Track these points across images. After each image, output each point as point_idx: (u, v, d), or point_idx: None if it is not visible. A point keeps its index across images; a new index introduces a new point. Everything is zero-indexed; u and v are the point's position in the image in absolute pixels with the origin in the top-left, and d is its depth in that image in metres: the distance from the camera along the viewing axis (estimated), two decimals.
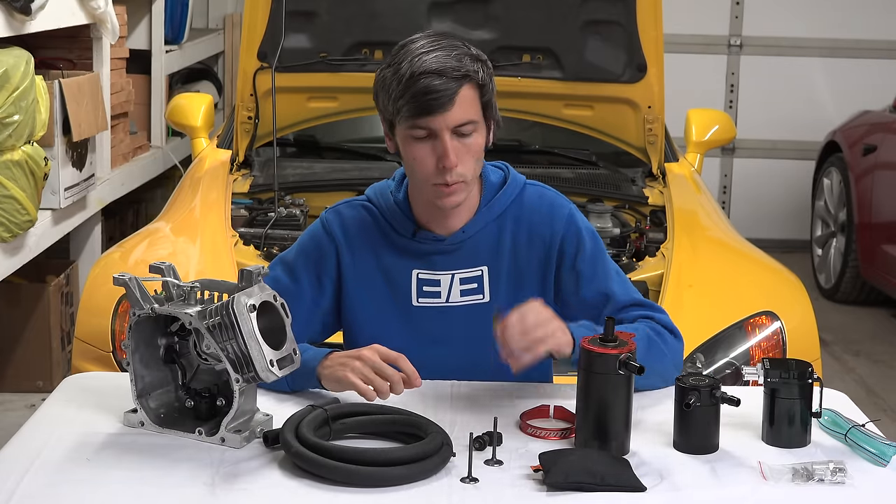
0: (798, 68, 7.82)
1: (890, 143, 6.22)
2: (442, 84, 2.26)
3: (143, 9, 6.24)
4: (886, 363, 5.74)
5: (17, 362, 4.87)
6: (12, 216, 4.13)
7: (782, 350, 3.36)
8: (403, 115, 2.29)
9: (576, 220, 2.46)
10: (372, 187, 2.54)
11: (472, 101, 2.31)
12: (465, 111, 2.29)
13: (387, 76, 2.32)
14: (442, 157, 2.29)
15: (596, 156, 4.67)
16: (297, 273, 2.46)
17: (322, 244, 2.48)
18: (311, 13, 4.28)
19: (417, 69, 2.26)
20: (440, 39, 2.32)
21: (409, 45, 2.31)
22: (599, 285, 2.42)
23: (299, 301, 2.41)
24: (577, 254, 2.43)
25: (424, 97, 2.26)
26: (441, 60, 2.27)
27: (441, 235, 2.43)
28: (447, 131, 2.29)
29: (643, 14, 4.20)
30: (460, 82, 2.28)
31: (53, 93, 4.49)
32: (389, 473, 1.94)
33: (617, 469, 1.99)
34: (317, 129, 4.70)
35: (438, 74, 2.26)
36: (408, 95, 2.27)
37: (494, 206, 2.44)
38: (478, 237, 2.44)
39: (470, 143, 2.32)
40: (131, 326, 2.12)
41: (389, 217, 2.46)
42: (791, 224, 7.79)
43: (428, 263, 2.44)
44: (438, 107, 2.26)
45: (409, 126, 2.31)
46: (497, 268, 2.44)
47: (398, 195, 2.46)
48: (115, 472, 1.98)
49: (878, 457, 2.07)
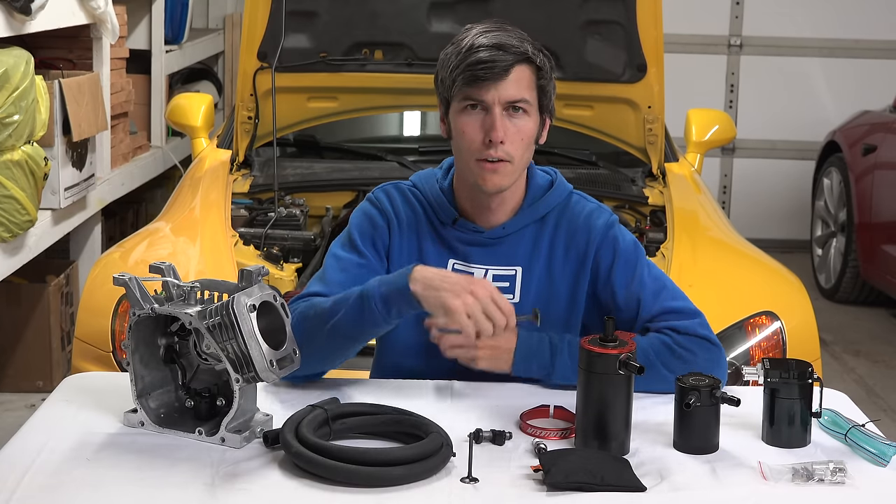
0: (798, 68, 7.82)
1: (890, 143, 6.22)
2: (499, 55, 2.29)
3: (143, 9, 6.24)
4: (886, 363, 5.74)
5: (17, 362, 4.87)
6: (12, 216, 4.13)
7: (782, 350, 3.37)
8: (458, 84, 2.32)
9: (613, 232, 2.43)
10: (417, 174, 2.54)
11: (528, 82, 2.33)
12: (518, 88, 2.31)
13: (448, 53, 2.36)
14: (490, 131, 2.30)
15: (596, 156, 4.67)
16: (357, 245, 2.44)
17: (375, 219, 2.46)
18: (311, 13, 4.28)
19: (477, 42, 2.30)
20: (506, 25, 2.36)
21: (473, 27, 2.36)
22: (632, 296, 2.40)
23: (367, 269, 2.40)
24: (612, 266, 2.41)
25: (479, 66, 2.28)
26: (501, 38, 2.31)
27: (481, 227, 2.43)
28: (498, 105, 2.30)
29: (643, 14, 4.20)
30: (518, 58, 2.30)
31: (53, 93, 4.49)
32: (389, 473, 1.94)
33: (617, 469, 1.99)
34: (317, 129, 4.70)
35: (497, 48, 2.29)
36: (464, 65, 2.30)
37: (538, 207, 2.43)
38: (517, 236, 2.43)
39: (520, 124, 2.33)
40: (131, 326, 2.12)
41: (433, 203, 2.45)
42: (791, 224, 7.80)
43: (464, 255, 2.43)
44: (492, 76, 2.28)
45: (461, 98, 2.33)
46: (531, 270, 2.43)
47: (443, 183, 2.47)
48: (115, 472, 1.98)
49: (878, 457, 2.07)
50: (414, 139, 5.07)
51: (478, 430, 2.11)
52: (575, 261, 2.43)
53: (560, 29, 4.24)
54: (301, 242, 3.95)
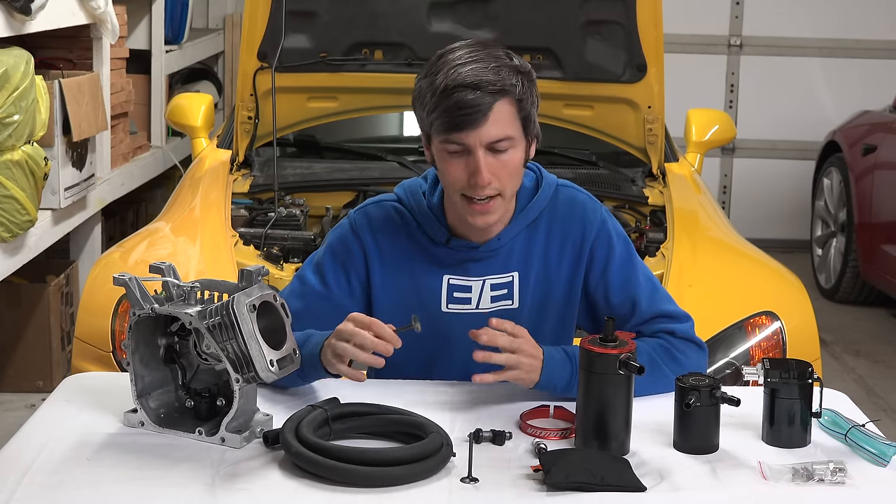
0: (798, 68, 7.82)
1: (890, 143, 6.22)
2: (476, 98, 2.18)
3: (143, 9, 6.24)
4: (886, 363, 5.74)
5: (17, 362, 4.87)
6: (12, 216, 4.13)
7: (782, 350, 3.37)
8: (437, 128, 2.24)
9: (607, 226, 2.42)
10: (402, 186, 2.46)
11: (509, 117, 2.24)
12: (500, 127, 2.22)
13: (423, 87, 2.25)
14: (474, 174, 2.23)
15: (596, 156, 4.67)
16: (325, 273, 2.41)
17: (350, 246, 2.41)
18: (311, 13, 4.28)
19: (452, 82, 2.19)
20: (479, 50, 2.24)
21: (446, 56, 2.24)
22: (627, 294, 2.40)
23: (328, 301, 2.38)
24: (607, 261, 2.41)
25: (457, 112, 2.19)
26: (477, 73, 2.19)
27: (475, 243, 2.38)
28: (481, 147, 2.22)
29: (643, 14, 4.20)
30: (496, 97, 2.20)
31: (53, 93, 4.49)
32: (389, 473, 1.94)
33: (617, 469, 1.99)
34: (317, 129, 4.70)
35: (473, 88, 2.18)
36: (440, 109, 2.21)
37: (529, 212, 2.40)
38: (512, 243, 2.40)
39: (506, 159, 2.25)
40: (131, 326, 2.12)
41: (422, 222, 2.39)
42: (791, 224, 7.79)
43: (460, 270, 2.39)
44: (471, 122, 2.19)
45: (442, 140, 2.25)
46: (527, 273, 2.40)
47: (432, 199, 2.40)
48: (115, 472, 1.98)
49: (878, 457, 2.07)
50: (414, 139, 5.07)
51: (478, 430, 2.11)
52: (571, 253, 2.41)
53: (560, 29, 4.24)
54: (301, 242, 3.95)
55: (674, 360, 2.34)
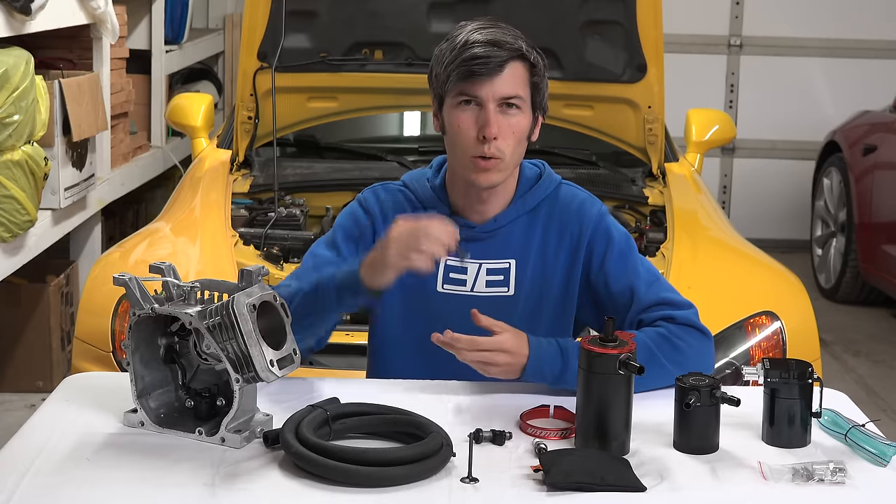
0: (798, 68, 7.82)
1: (890, 143, 6.22)
2: (493, 52, 2.31)
3: (143, 9, 6.24)
4: (886, 363, 5.74)
5: (17, 362, 4.87)
6: (12, 216, 4.13)
7: (782, 350, 3.37)
8: (453, 80, 2.33)
9: (605, 221, 2.47)
10: (408, 174, 2.56)
11: (522, 79, 2.35)
12: (513, 85, 2.33)
13: (443, 48, 2.38)
14: (484, 127, 2.32)
15: (596, 156, 4.67)
16: (338, 245, 2.47)
17: (359, 220, 2.49)
18: (311, 13, 4.28)
19: (472, 39, 2.32)
20: (500, 22, 2.38)
21: (467, 24, 2.38)
22: (627, 284, 2.42)
23: None
24: (606, 252, 2.44)
25: (474, 61, 2.30)
26: (495, 34, 2.34)
27: (474, 223, 2.45)
28: (492, 101, 2.32)
29: (643, 14, 4.20)
30: (511, 55, 2.32)
31: (53, 93, 4.49)
32: (389, 473, 1.94)
33: (617, 469, 1.99)
34: (317, 129, 4.70)
35: (492, 44, 2.32)
36: (458, 60, 2.32)
37: (528, 199, 2.46)
38: (509, 228, 2.45)
39: (513, 121, 2.35)
40: (131, 326, 2.12)
41: (425, 201, 2.48)
42: (791, 224, 7.80)
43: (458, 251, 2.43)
44: (487, 72, 2.30)
45: (456, 93, 2.34)
46: (524, 262, 2.45)
47: (435, 181, 2.49)
48: (115, 472, 1.98)
49: (878, 457, 2.07)
50: (414, 139, 5.07)
51: (478, 430, 2.11)
52: (568, 249, 2.45)
53: (560, 29, 4.24)
54: (301, 242, 3.95)
55: (674, 349, 2.33)
